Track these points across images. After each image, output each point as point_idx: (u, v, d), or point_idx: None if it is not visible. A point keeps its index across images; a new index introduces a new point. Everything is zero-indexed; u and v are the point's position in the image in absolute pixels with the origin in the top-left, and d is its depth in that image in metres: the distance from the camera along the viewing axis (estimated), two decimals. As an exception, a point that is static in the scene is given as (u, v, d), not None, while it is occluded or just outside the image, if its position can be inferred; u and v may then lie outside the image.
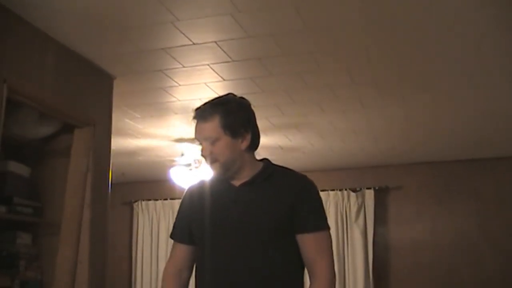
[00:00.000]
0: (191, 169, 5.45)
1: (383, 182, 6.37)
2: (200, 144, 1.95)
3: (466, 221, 6.05)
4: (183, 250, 2.04)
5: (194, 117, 1.95)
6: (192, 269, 2.06)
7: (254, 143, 1.98)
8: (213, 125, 1.89)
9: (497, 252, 5.87)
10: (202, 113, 1.93)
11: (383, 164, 6.34)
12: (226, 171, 1.92)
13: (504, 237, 5.89)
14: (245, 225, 1.87)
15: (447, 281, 5.98)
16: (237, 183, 1.95)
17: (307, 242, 1.89)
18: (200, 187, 2.05)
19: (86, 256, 3.25)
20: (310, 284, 1.88)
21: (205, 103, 1.96)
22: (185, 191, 2.11)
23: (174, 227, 2.10)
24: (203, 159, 5.47)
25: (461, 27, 3.06)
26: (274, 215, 1.87)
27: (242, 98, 2.00)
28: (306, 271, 1.96)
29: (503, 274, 5.78)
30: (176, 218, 2.10)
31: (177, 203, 6.80)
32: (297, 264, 1.93)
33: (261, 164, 1.99)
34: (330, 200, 6.36)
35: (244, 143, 1.93)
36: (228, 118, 1.90)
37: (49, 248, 3.28)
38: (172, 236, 2.10)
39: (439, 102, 4.32)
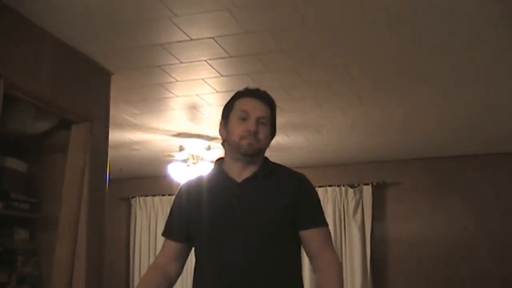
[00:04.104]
0: (188, 165, 5.45)
1: (380, 178, 6.38)
2: (244, 118, 1.91)
3: (464, 216, 6.07)
4: (175, 246, 2.02)
5: (247, 93, 1.97)
6: (182, 265, 2.04)
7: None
8: (268, 111, 1.95)
9: (494, 247, 5.89)
10: (260, 94, 1.98)
11: (381, 160, 6.35)
12: (258, 154, 1.94)
13: (501, 232, 5.91)
14: (248, 221, 1.87)
15: (444, 276, 6.00)
16: (239, 178, 1.94)
17: (313, 237, 1.91)
18: (197, 183, 2.02)
19: (83, 251, 3.25)
20: (320, 274, 1.88)
21: (259, 89, 2.01)
22: (180, 187, 2.08)
23: (167, 224, 2.06)
24: (200, 155, 5.37)
25: (459, 23, 3.06)
26: (277, 212, 1.88)
27: None
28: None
29: (500, 269, 5.80)
30: (170, 215, 2.06)
31: (174, 199, 6.87)
32: (298, 260, 1.95)
33: (260, 161, 2.00)
34: (328, 196, 6.37)
35: (270, 141, 1.99)
36: (274, 112, 1.99)
37: (46, 243, 3.28)
38: (164, 234, 2.06)
39: (437, 98, 4.33)
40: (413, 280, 6.11)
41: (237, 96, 1.99)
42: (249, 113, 1.91)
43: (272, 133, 1.99)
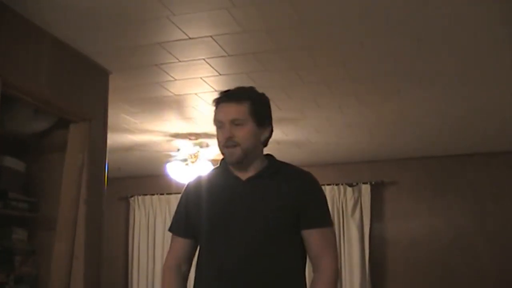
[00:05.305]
0: (187, 163, 5.45)
1: (379, 177, 6.38)
2: (220, 127, 1.92)
3: (462, 215, 6.07)
4: (183, 243, 2.03)
5: (221, 98, 1.94)
6: (191, 262, 2.05)
7: (269, 138, 2.01)
8: (243, 109, 1.90)
9: (493, 246, 5.89)
10: (234, 94, 1.94)
11: (379, 159, 6.35)
12: (244, 158, 1.91)
13: (499, 231, 5.91)
14: (252, 220, 1.87)
15: (443, 275, 6.00)
16: (243, 176, 1.94)
17: (314, 237, 1.91)
18: (202, 182, 2.03)
19: (81, 251, 3.24)
20: (314, 277, 1.89)
21: (236, 88, 1.98)
22: (186, 185, 2.09)
23: (173, 221, 2.08)
24: (199, 154, 5.36)
25: (457, 22, 3.06)
26: (280, 211, 1.88)
27: (263, 93, 2.03)
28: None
29: (499, 268, 5.81)
30: (176, 212, 2.08)
31: (173, 198, 6.90)
32: (301, 259, 1.94)
33: (266, 160, 2.00)
34: (326, 195, 6.33)
35: (264, 135, 1.96)
36: (258, 106, 1.93)
37: (44, 243, 3.28)
38: (171, 229, 2.07)
39: (435, 97, 4.33)
40: (412, 279, 6.11)
41: (215, 103, 1.97)
42: (222, 121, 1.91)
43: (261, 124, 1.94)
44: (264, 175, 1.94)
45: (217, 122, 1.93)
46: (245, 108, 1.90)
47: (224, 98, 1.93)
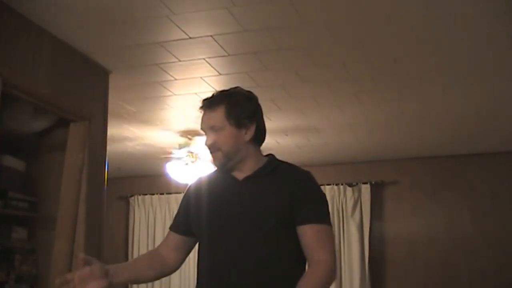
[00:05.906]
0: (187, 163, 5.45)
1: (379, 177, 6.38)
2: (205, 134, 1.97)
3: (461, 215, 6.07)
4: (175, 236, 2.07)
5: (202, 107, 1.98)
6: (182, 256, 2.07)
7: (259, 136, 2.00)
8: (218, 114, 1.92)
9: (491, 246, 5.89)
10: (209, 102, 1.96)
11: (379, 159, 6.35)
12: (228, 161, 1.93)
13: (498, 231, 5.91)
14: (247, 219, 1.87)
15: (442, 275, 6.00)
16: (240, 176, 1.95)
17: (307, 233, 1.88)
18: (202, 183, 2.05)
19: (81, 250, 3.24)
20: (307, 270, 1.86)
21: (213, 93, 2.00)
22: (187, 186, 2.12)
23: (174, 219, 2.12)
24: (199, 154, 5.40)
25: (458, 22, 3.06)
26: (276, 209, 1.87)
27: (249, 91, 2.04)
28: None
29: (499, 268, 5.80)
30: (178, 210, 2.12)
31: (173, 198, 6.90)
32: (298, 259, 1.92)
33: (265, 159, 2.01)
34: (326, 195, 6.33)
35: (248, 134, 1.95)
36: (234, 108, 1.93)
37: (44, 242, 3.28)
38: (170, 227, 2.12)
39: (435, 97, 4.33)
40: (411, 279, 6.11)
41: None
42: (204, 129, 1.98)
43: (240, 125, 1.93)
44: (260, 174, 1.94)
45: (202, 131, 2.00)
46: (220, 113, 1.92)
47: (203, 107, 1.98)
